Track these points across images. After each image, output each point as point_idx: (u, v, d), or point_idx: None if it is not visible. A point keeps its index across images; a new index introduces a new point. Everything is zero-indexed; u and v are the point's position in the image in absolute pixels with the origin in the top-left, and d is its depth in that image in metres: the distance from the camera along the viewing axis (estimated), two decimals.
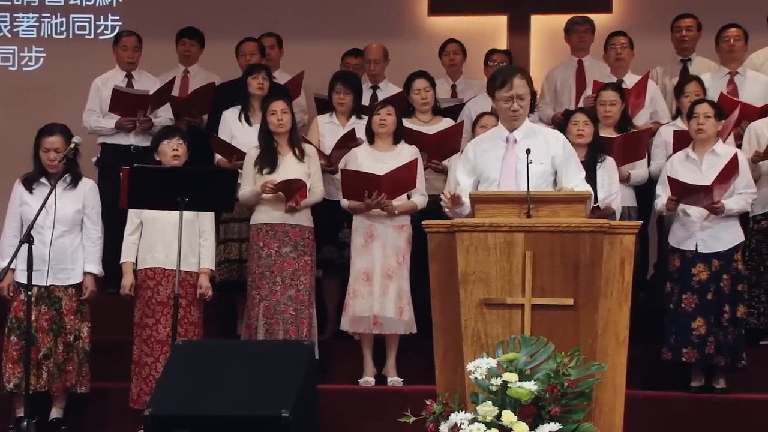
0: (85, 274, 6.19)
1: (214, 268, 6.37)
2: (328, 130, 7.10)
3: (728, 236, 6.33)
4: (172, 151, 6.30)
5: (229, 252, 6.93)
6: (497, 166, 5.12)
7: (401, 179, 6.46)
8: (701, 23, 7.84)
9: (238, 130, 7.04)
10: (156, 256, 6.21)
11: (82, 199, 6.20)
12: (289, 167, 6.52)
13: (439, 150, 6.93)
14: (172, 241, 5.91)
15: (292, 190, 6.43)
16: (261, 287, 6.44)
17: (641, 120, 7.31)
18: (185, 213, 5.85)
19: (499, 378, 4.32)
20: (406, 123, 6.94)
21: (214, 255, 6.36)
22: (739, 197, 6.34)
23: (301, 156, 6.57)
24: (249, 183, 6.55)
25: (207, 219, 6.31)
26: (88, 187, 6.26)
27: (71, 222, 6.13)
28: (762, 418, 6.12)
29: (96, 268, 6.23)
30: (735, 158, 6.25)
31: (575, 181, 5.11)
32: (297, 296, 6.44)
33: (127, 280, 6.26)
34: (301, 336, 6.36)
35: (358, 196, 6.44)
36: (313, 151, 6.70)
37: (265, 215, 6.53)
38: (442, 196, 5.15)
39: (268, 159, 6.54)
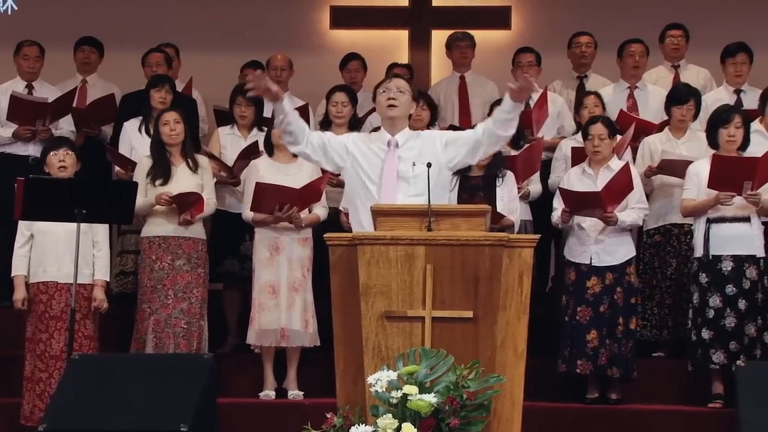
0: None
1: (108, 280, 6.27)
2: (229, 141, 7.06)
3: (621, 250, 6.45)
4: (59, 162, 6.17)
5: (125, 264, 6.83)
6: (378, 169, 5.13)
7: (312, 192, 6.46)
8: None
9: (137, 142, 6.96)
10: (48, 269, 6.07)
11: None
12: (182, 178, 6.46)
13: None
14: (64, 253, 5.79)
15: (188, 203, 6.37)
16: (152, 301, 6.35)
17: (548, 135, 7.40)
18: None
19: (399, 390, 4.34)
20: None
21: (108, 266, 6.26)
22: (632, 211, 6.47)
23: (194, 167, 6.51)
24: (140, 194, 6.43)
25: (100, 230, 6.19)
26: None
27: None
28: (654, 428, 6.26)
29: None
30: (627, 167, 6.38)
31: (477, 130, 5.17)
32: (189, 309, 6.37)
33: (19, 294, 6.11)
34: (191, 349, 6.29)
35: (269, 209, 6.41)
36: (206, 162, 6.63)
37: (157, 228, 6.44)
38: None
39: (161, 170, 6.45)
